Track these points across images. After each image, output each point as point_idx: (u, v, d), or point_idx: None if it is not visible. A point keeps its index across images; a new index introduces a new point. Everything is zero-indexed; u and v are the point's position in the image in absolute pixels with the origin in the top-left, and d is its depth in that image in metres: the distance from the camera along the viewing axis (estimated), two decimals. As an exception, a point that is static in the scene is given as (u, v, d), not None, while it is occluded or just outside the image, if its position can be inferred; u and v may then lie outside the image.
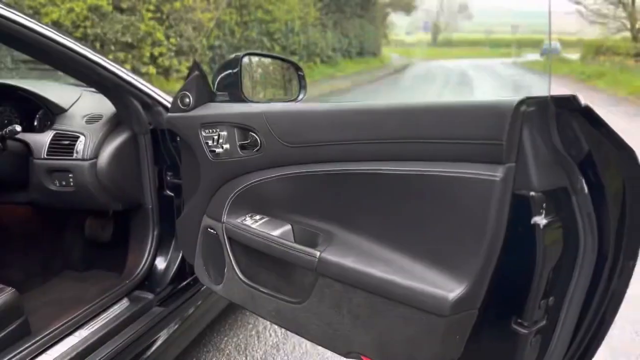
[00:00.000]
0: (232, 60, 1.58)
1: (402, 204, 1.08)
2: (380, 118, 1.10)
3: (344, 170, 1.18)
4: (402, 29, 58.25)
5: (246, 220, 1.42)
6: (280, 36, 13.43)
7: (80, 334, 1.47)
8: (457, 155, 0.96)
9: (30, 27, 1.28)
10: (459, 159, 0.96)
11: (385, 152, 1.09)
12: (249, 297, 1.42)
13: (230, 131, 1.44)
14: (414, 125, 1.03)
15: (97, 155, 1.64)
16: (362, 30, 23.37)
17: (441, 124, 0.99)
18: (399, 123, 1.06)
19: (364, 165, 1.14)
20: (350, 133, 1.15)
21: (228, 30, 10.75)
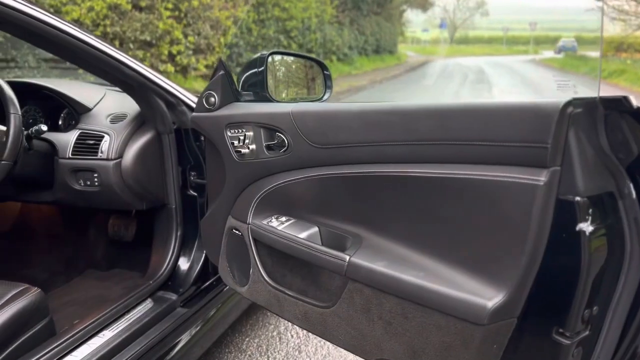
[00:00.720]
0: (257, 59, 1.56)
1: (436, 208, 1.04)
2: (413, 119, 1.07)
3: (374, 172, 1.15)
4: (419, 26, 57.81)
5: (272, 222, 1.40)
6: (297, 34, 13.40)
7: (105, 335, 1.46)
8: (497, 158, 0.93)
9: (56, 25, 1.28)
10: (498, 162, 0.93)
11: (419, 154, 1.06)
12: (274, 300, 1.40)
13: (257, 131, 1.42)
14: (450, 127, 1.00)
15: (121, 155, 1.64)
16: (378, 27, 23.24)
17: (480, 126, 0.95)
18: (434, 124, 1.02)
19: (395, 167, 1.11)
20: (382, 134, 1.12)
21: (245, 28, 10.76)
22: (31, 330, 1.30)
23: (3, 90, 1.48)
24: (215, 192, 1.64)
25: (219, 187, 1.60)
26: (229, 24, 10.05)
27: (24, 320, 1.27)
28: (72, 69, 6.58)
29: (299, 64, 1.92)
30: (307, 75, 1.92)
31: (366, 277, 1.11)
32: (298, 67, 1.91)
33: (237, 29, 10.14)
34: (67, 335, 1.38)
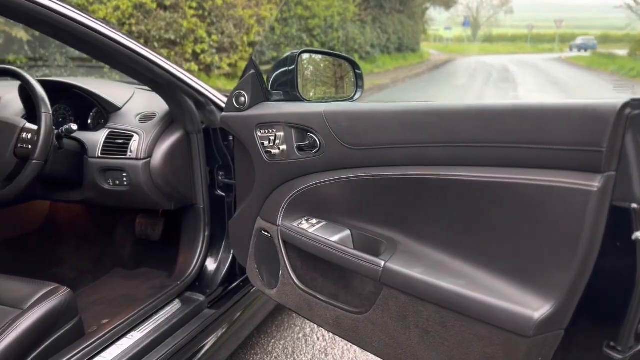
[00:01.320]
0: (288, 57, 1.53)
1: (478, 213, 1.00)
2: (454, 119, 1.03)
3: (411, 175, 1.11)
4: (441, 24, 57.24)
5: (302, 224, 1.37)
6: (319, 32, 13.36)
7: (134, 336, 1.45)
8: (546, 162, 0.88)
9: (88, 24, 1.27)
10: (547, 166, 0.88)
11: (460, 156, 1.02)
12: (304, 304, 1.37)
13: (288, 132, 1.39)
14: (495, 128, 0.95)
15: (150, 154, 1.62)
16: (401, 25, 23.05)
17: (527, 127, 0.91)
18: (477, 125, 0.98)
19: (434, 170, 1.07)
20: (420, 135, 1.08)
21: (268, 27, 10.76)
22: (61, 330, 1.30)
23: (35, 90, 1.48)
24: (244, 193, 1.61)
25: (248, 187, 1.57)
26: (252, 23, 10.06)
27: (54, 320, 1.27)
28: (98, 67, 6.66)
29: (327, 63, 1.89)
30: (336, 74, 1.88)
31: (402, 284, 1.07)
32: (326, 66, 1.88)
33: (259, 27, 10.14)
34: (97, 336, 1.38)
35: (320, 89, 1.73)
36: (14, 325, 1.19)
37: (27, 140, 1.47)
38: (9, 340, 1.16)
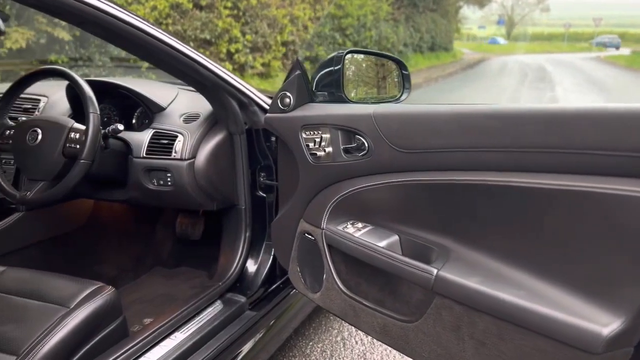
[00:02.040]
0: (334, 58, 1.51)
1: (542, 221, 0.95)
2: (518, 123, 0.98)
3: (467, 180, 1.07)
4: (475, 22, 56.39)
5: (347, 228, 1.34)
6: (352, 31, 13.31)
7: (177, 337, 1.45)
8: (623, 169, 0.83)
9: (136, 24, 1.27)
10: (624, 173, 0.83)
11: (524, 162, 0.97)
12: (350, 310, 1.34)
13: (334, 133, 1.36)
14: (565, 133, 0.90)
15: (194, 155, 1.62)
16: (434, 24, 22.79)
17: (603, 133, 0.86)
18: (543, 129, 0.93)
19: (494, 175, 1.02)
20: (479, 139, 1.04)
21: (302, 26, 10.77)
22: (106, 330, 1.30)
23: (83, 90, 1.49)
24: (286, 195, 1.60)
25: (291, 189, 1.56)
26: (286, 22, 10.08)
27: (99, 320, 1.27)
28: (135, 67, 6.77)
29: (369, 63, 1.86)
30: (378, 74, 1.85)
31: (457, 293, 1.04)
32: (368, 66, 1.84)
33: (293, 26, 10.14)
34: (140, 337, 1.38)
35: (364, 89, 1.70)
36: (62, 324, 1.20)
37: (75, 140, 1.48)
38: (56, 339, 1.17)
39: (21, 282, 1.35)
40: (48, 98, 1.85)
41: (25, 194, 1.49)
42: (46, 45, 5.61)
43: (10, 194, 1.53)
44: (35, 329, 1.19)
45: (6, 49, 5.14)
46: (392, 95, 1.73)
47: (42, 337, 1.16)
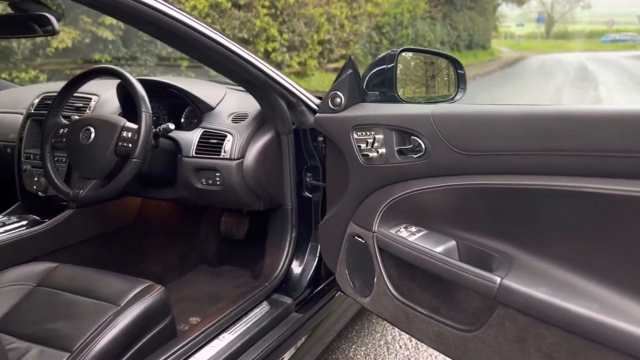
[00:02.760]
0: (387, 56, 1.47)
1: (617, 230, 0.90)
2: (592, 125, 0.93)
3: (534, 185, 1.02)
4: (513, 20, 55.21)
5: (401, 232, 1.31)
6: (389, 30, 13.20)
7: (225, 338, 1.44)
8: None
9: (189, 24, 1.26)
10: None
11: (597, 166, 0.92)
12: (402, 316, 1.31)
13: (388, 134, 1.33)
14: None
15: (243, 155, 1.61)
16: (471, 22, 22.41)
17: None
18: (625, 132, 0.88)
19: (562, 180, 0.97)
20: (550, 142, 0.99)
21: (338, 25, 10.74)
22: (155, 329, 1.30)
23: (135, 89, 1.49)
24: (335, 196, 1.57)
25: (340, 190, 1.53)
26: (323, 21, 10.07)
27: (149, 319, 1.27)
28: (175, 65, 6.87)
29: (418, 61, 1.81)
30: (428, 73, 1.81)
31: (522, 304, 0.99)
32: (417, 64, 1.80)
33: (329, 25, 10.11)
34: (189, 337, 1.37)
35: (415, 89, 1.66)
36: (114, 322, 1.20)
37: (128, 138, 1.49)
38: (109, 337, 1.17)
39: (72, 279, 1.37)
40: (99, 97, 1.88)
41: (78, 192, 1.51)
42: (90, 45, 5.75)
43: (64, 192, 1.55)
44: (88, 326, 1.20)
45: (53, 49, 5.29)
46: (445, 95, 1.69)
47: (95, 335, 1.17)
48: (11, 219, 1.79)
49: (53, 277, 1.39)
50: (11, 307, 1.30)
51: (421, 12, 15.58)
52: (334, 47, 10.82)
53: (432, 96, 1.79)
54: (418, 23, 15.32)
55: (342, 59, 11.23)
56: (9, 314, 1.28)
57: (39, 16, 1.52)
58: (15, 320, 1.25)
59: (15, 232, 1.71)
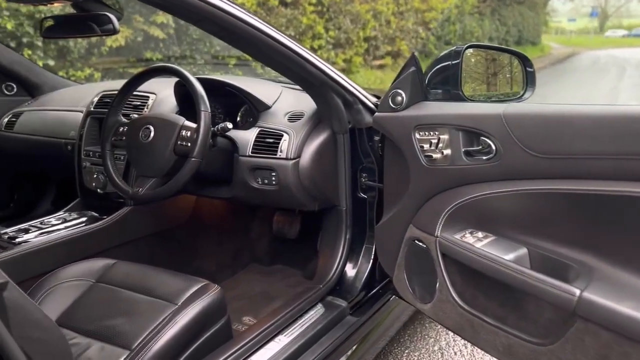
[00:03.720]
0: (452, 53, 1.41)
1: None
2: None
3: (620, 191, 0.95)
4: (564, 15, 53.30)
5: (466, 237, 1.25)
6: (436, 25, 12.95)
7: (281, 340, 1.42)
8: None
9: (250, 22, 1.25)
10: None
11: None
12: (467, 325, 1.25)
13: (454, 134, 1.27)
14: None
15: (299, 154, 1.59)
16: (521, 17, 21.74)
17: None
18: None
19: None
20: (633, 145, 0.91)
21: (384, 21, 10.61)
22: (212, 329, 1.29)
23: (195, 88, 1.49)
24: (393, 198, 1.53)
25: (399, 192, 1.48)
26: (369, 18, 9.97)
27: (206, 319, 1.26)
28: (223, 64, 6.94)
29: (479, 58, 1.74)
30: (489, 70, 1.73)
31: (605, 319, 0.92)
32: (478, 61, 1.73)
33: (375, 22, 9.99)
34: (246, 339, 1.36)
35: (476, 86, 1.59)
36: (173, 321, 1.20)
37: (187, 137, 1.49)
38: (168, 337, 1.16)
39: (130, 276, 1.38)
40: (156, 95, 1.89)
41: (137, 190, 1.52)
42: (142, 43, 5.88)
43: (124, 190, 1.57)
44: (146, 324, 1.19)
45: (107, 47, 5.43)
46: (511, 93, 1.61)
47: (154, 333, 1.17)
48: (71, 215, 1.84)
49: (112, 273, 1.40)
50: (72, 302, 1.32)
51: (469, 7, 15.22)
52: (380, 44, 10.69)
53: (495, 94, 1.72)
54: (466, 19, 14.97)
55: (387, 55, 11.10)
56: (70, 309, 1.30)
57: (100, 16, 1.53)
58: (76, 315, 1.27)
59: (75, 228, 1.74)
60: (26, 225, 1.73)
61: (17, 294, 0.88)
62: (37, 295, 1.34)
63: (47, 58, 4.95)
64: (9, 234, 1.67)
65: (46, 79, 2.42)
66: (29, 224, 1.74)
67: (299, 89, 1.84)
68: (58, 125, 2.09)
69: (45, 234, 1.69)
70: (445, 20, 13.39)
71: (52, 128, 2.10)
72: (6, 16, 4.56)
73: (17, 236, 1.65)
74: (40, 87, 2.39)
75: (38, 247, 1.61)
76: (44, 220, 1.78)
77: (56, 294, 1.35)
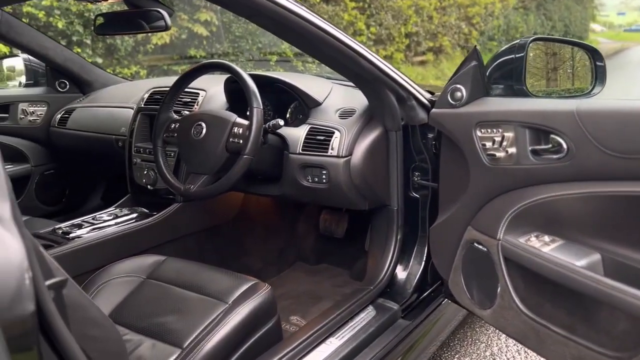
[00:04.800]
0: (516, 46, 1.35)
1: None
2: None
3: None
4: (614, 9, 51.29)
5: (532, 241, 1.18)
6: (479, 20, 12.66)
7: (332, 343, 1.39)
8: None
9: (304, 16, 1.21)
10: None
11: None
12: (532, 333, 1.18)
13: (520, 132, 1.20)
14: None
15: (351, 152, 1.55)
16: (567, 12, 21.04)
17: None
18: None
19: None
20: None
21: (426, 16, 10.43)
22: (262, 329, 1.26)
23: (247, 84, 1.47)
24: (449, 198, 1.47)
25: (456, 192, 1.42)
26: (411, 13, 9.82)
27: (257, 319, 1.24)
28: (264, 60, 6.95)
29: (538, 52, 1.65)
30: (548, 65, 1.65)
31: None
32: (537, 55, 1.64)
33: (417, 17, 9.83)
34: (296, 341, 1.32)
35: (535, 82, 1.51)
36: (224, 320, 1.18)
37: (239, 134, 1.47)
38: (219, 336, 1.14)
39: (181, 272, 1.37)
40: (206, 92, 1.88)
41: (189, 187, 1.51)
42: (186, 41, 5.95)
43: (175, 187, 1.56)
44: (198, 322, 1.18)
45: (152, 45, 5.52)
46: (573, 89, 1.53)
47: (206, 333, 1.15)
48: (122, 211, 1.85)
49: (162, 270, 1.39)
50: (124, 298, 1.32)
51: (514, 1, 14.81)
52: (421, 40, 10.51)
53: (555, 90, 1.63)
54: (510, 13, 14.58)
55: (428, 51, 10.90)
56: (121, 305, 1.29)
57: (152, 11, 1.53)
58: (128, 312, 1.27)
59: (126, 224, 1.75)
60: (79, 221, 1.75)
61: (75, 291, 0.87)
62: (90, 291, 1.34)
63: (95, 56, 5.06)
64: (63, 229, 1.69)
65: (97, 76, 2.45)
66: (82, 220, 1.76)
67: (349, 85, 1.80)
68: (109, 122, 2.11)
69: (97, 230, 1.70)
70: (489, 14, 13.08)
71: (103, 124, 2.13)
72: (57, 15, 4.68)
73: (70, 231, 1.67)
74: (91, 84, 2.43)
75: (90, 242, 1.63)
76: (96, 215, 1.80)
77: (108, 289, 1.35)
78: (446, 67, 11.00)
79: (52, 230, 1.69)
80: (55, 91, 2.39)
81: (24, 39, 2.11)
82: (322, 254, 2.18)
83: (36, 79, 2.42)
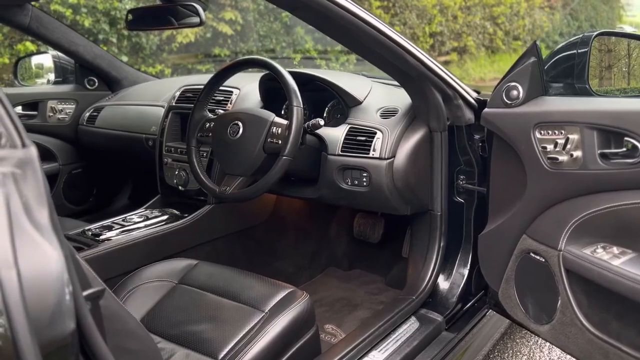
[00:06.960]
0: (579, 40, 1.25)
1: None
2: None
3: None
4: (640, 8, 50.24)
5: (598, 252, 1.09)
6: (504, 20, 12.44)
7: (375, 357, 1.31)
8: None
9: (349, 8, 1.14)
10: None
11: None
12: (598, 354, 1.09)
13: (587, 134, 1.11)
14: None
15: (394, 154, 1.46)
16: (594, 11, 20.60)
17: None
18: None
19: None
20: None
21: (451, 16, 10.27)
22: (300, 341, 1.18)
23: (287, 82, 1.39)
24: (501, 204, 1.37)
25: (509, 198, 1.33)
26: (435, 13, 9.68)
27: (296, 330, 1.16)
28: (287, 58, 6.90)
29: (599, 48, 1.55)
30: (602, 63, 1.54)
31: None
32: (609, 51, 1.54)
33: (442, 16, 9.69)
34: (337, 355, 1.25)
35: (609, 80, 1.41)
36: (263, 332, 1.10)
37: (277, 135, 1.39)
38: (258, 349, 1.07)
39: (213, 278, 1.30)
40: (240, 90, 1.82)
41: (225, 189, 1.44)
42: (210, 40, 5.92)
43: (210, 189, 1.49)
44: (234, 332, 1.11)
45: (177, 44, 5.50)
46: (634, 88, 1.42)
47: (243, 344, 1.08)
48: (153, 212, 1.79)
49: (194, 275, 1.33)
50: (155, 304, 1.26)
51: (539, 1, 14.54)
52: (446, 40, 10.35)
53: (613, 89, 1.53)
54: (536, 13, 14.31)
55: (453, 51, 10.74)
56: (153, 311, 1.23)
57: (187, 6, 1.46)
58: (159, 318, 1.20)
59: (157, 227, 1.69)
60: (109, 222, 1.70)
61: (113, 302, 0.81)
62: (120, 296, 1.28)
63: (120, 54, 5.06)
64: (93, 230, 1.64)
65: (127, 73, 2.40)
66: (112, 221, 1.70)
67: (389, 84, 1.71)
68: (139, 120, 2.06)
69: (128, 232, 1.64)
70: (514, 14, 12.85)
71: (133, 123, 2.08)
72: (84, 13, 4.68)
73: (100, 233, 1.61)
74: (120, 81, 2.38)
75: (121, 245, 1.57)
76: (126, 217, 1.74)
77: (139, 294, 1.29)
78: (470, 67, 10.83)
79: (81, 231, 1.64)
80: (84, 89, 2.34)
81: (54, 35, 2.07)
82: (356, 259, 2.10)
83: (65, 76, 2.39)
